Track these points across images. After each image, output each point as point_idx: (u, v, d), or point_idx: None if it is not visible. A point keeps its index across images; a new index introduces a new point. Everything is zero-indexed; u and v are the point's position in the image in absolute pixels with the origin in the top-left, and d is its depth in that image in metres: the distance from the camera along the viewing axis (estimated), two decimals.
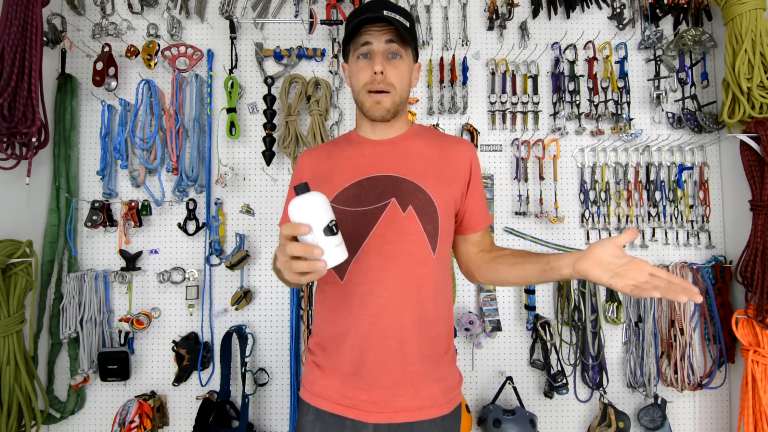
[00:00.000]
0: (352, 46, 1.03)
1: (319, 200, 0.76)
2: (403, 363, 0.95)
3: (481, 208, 1.08)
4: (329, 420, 0.96)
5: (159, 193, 1.80)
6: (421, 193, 0.98)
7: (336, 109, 1.86)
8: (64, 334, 1.66)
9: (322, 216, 0.75)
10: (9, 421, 1.46)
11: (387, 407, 0.94)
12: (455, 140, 1.12)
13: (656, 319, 1.77)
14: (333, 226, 0.76)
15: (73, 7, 1.80)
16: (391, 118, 1.03)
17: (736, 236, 1.76)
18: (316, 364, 1.02)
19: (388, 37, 0.98)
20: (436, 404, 0.97)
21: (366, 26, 0.98)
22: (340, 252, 0.77)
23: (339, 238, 0.77)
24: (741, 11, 1.61)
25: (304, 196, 0.76)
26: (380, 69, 0.96)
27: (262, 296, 1.82)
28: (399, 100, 1.01)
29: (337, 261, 0.76)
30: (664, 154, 1.83)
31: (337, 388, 0.97)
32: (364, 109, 1.02)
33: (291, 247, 0.72)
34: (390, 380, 0.95)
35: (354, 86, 1.03)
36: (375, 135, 1.08)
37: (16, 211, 1.62)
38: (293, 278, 0.75)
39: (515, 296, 1.84)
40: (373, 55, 0.98)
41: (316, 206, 0.76)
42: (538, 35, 1.89)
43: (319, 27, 1.85)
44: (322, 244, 0.74)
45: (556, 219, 1.78)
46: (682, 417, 1.80)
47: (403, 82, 1.02)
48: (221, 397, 1.73)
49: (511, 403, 1.75)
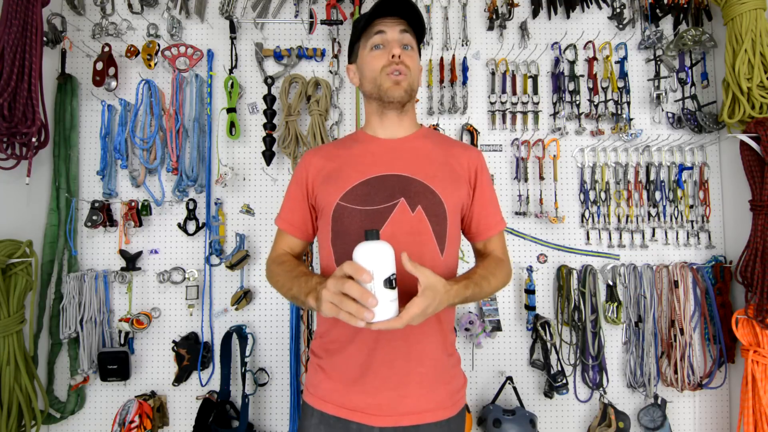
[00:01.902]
0: (362, 41, 1.04)
1: (387, 250, 0.76)
2: (411, 364, 0.94)
3: (486, 216, 1.07)
4: (334, 424, 0.96)
5: (159, 193, 1.80)
6: (431, 193, 0.98)
7: (336, 109, 1.86)
8: (64, 334, 1.66)
9: (386, 267, 0.75)
10: (9, 421, 1.46)
11: (393, 410, 0.94)
12: (463, 145, 1.12)
13: (656, 319, 1.77)
14: (393, 279, 0.75)
15: (73, 7, 1.80)
16: (406, 102, 1.03)
17: (736, 236, 1.76)
18: (320, 367, 1.01)
19: (402, 27, 1.01)
20: (442, 406, 0.97)
21: (380, 18, 1.00)
22: (392, 308, 0.75)
23: (395, 294, 0.76)
24: (741, 11, 1.61)
25: (374, 242, 0.75)
26: (398, 52, 0.98)
27: (262, 296, 1.82)
28: (413, 85, 1.03)
29: (386, 317, 0.74)
30: (664, 154, 1.83)
31: (342, 391, 0.96)
32: (383, 90, 1.01)
33: (350, 287, 0.73)
34: (397, 382, 0.94)
35: (368, 74, 1.03)
36: (384, 132, 1.07)
37: (16, 211, 1.62)
38: (332, 312, 0.75)
39: (515, 296, 1.84)
40: (388, 43, 1.00)
41: (383, 256, 0.75)
42: (538, 35, 1.89)
43: (319, 27, 1.85)
44: (379, 295, 0.73)
45: (556, 219, 1.78)
46: (682, 417, 1.80)
47: (417, 69, 1.04)
48: (221, 397, 1.73)
49: (511, 403, 1.75)
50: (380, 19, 1.00)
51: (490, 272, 0.99)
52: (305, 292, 0.87)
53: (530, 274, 1.80)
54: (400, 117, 1.06)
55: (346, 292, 0.73)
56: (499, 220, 1.10)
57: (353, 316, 0.73)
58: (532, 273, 1.80)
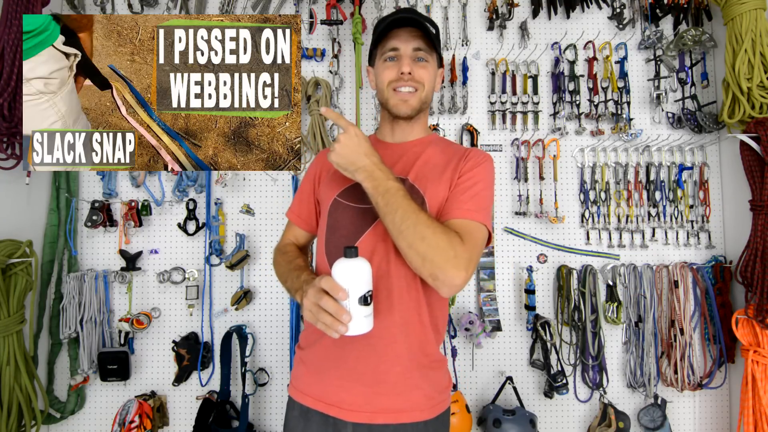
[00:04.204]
0: (379, 51, 1.06)
1: (364, 268, 0.81)
2: (387, 363, 0.94)
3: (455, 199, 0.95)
4: (314, 417, 0.97)
5: (159, 193, 1.80)
6: (415, 191, 0.97)
7: (336, 109, 1.86)
8: (64, 334, 1.66)
9: (362, 285, 0.79)
10: (9, 421, 1.46)
11: (367, 407, 0.93)
12: (464, 149, 1.08)
13: (656, 319, 1.77)
14: (368, 296, 0.80)
15: (73, 7, 1.80)
16: (416, 115, 1.05)
17: (736, 236, 1.76)
18: (301, 360, 1.03)
19: (416, 45, 1.01)
20: (417, 408, 0.95)
21: (394, 30, 1.01)
22: (366, 323, 0.81)
23: (370, 310, 0.81)
24: (741, 11, 1.61)
25: (351, 260, 0.80)
26: (408, 70, 1.00)
27: (262, 296, 1.82)
28: (425, 98, 1.05)
29: (360, 331, 0.80)
30: (664, 154, 1.83)
31: (319, 384, 0.97)
32: (389, 105, 1.04)
33: (325, 302, 0.78)
34: (372, 379, 0.94)
35: (379, 85, 1.06)
36: (393, 138, 1.10)
37: (16, 211, 1.62)
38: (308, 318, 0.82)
39: (515, 296, 1.84)
40: (400, 58, 1.02)
41: (359, 274, 0.80)
42: (538, 35, 1.89)
43: (319, 27, 1.85)
44: (353, 311, 0.79)
45: (556, 219, 1.78)
46: (682, 417, 1.80)
47: (431, 82, 1.05)
48: (221, 397, 1.73)
49: (511, 403, 1.75)
50: (395, 30, 1.02)
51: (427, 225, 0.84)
52: (295, 288, 0.95)
53: (530, 274, 1.80)
54: (411, 125, 1.09)
55: (322, 307, 0.79)
56: (470, 209, 0.93)
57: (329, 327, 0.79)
58: (532, 273, 1.80)
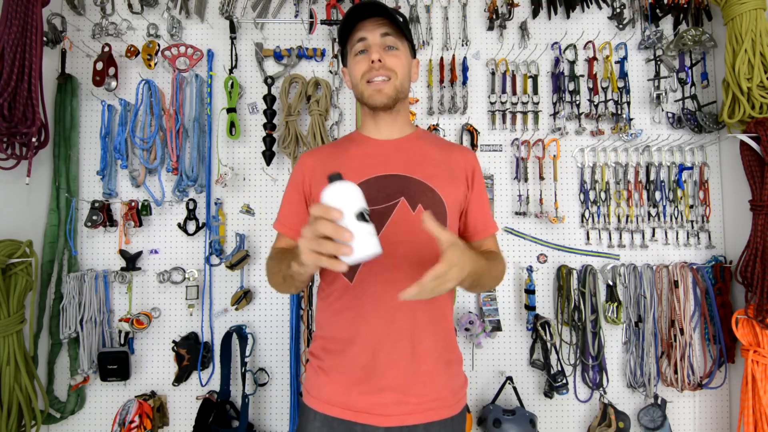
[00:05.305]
0: (348, 48, 1.04)
1: (353, 188, 0.74)
2: (416, 364, 0.94)
3: (483, 216, 1.09)
4: (338, 427, 0.95)
5: (159, 193, 1.80)
6: (431, 192, 0.99)
7: (336, 109, 1.86)
8: (64, 334, 1.66)
9: (355, 202, 0.72)
10: (9, 421, 1.46)
11: (398, 410, 0.93)
12: (459, 147, 1.15)
13: (656, 319, 1.77)
14: (366, 213, 0.72)
15: (73, 7, 1.80)
16: (393, 105, 1.03)
17: (736, 236, 1.76)
18: (321, 369, 1.00)
19: (383, 30, 0.99)
20: (445, 405, 0.97)
21: (360, 22, 0.99)
22: (373, 242, 0.71)
23: (372, 228, 0.72)
24: (741, 11, 1.61)
25: (338, 183, 0.73)
26: (377, 57, 0.97)
27: (262, 296, 1.82)
28: (400, 86, 1.02)
29: (368, 251, 0.70)
30: (664, 154, 1.83)
31: (345, 393, 0.95)
32: (365, 98, 1.02)
33: (322, 225, 0.68)
34: (402, 382, 0.94)
35: (353, 81, 1.04)
36: (380, 134, 1.08)
37: (16, 211, 1.62)
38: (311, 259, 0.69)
39: (515, 296, 1.84)
40: (370, 48, 0.99)
41: (350, 194, 0.73)
42: (538, 35, 1.89)
43: (319, 27, 1.85)
44: (354, 229, 0.69)
45: (556, 219, 1.78)
46: (682, 417, 1.80)
47: (404, 69, 1.02)
48: (221, 397, 1.73)
49: (511, 403, 1.75)
50: (361, 22, 1.00)
51: (492, 260, 1.00)
52: (287, 263, 0.85)
53: (530, 274, 1.80)
54: (392, 117, 1.07)
55: (319, 232, 0.68)
56: (494, 223, 1.12)
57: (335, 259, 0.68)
58: (532, 273, 1.80)
